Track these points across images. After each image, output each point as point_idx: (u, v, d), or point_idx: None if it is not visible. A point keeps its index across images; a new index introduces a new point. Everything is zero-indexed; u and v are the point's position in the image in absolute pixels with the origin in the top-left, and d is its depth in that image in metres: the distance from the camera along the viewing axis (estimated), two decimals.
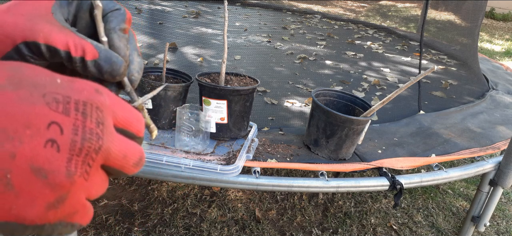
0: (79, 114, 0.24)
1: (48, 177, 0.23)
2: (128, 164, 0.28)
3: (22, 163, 0.22)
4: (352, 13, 5.31)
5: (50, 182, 0.23)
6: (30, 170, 0.22)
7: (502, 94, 2.37)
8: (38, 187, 0.23)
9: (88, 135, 0.24)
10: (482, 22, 2.87)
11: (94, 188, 0.27)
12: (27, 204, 0.23)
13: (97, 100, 0.26)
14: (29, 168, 0.22)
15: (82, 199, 0.26)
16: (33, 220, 0.23)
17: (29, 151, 0.22)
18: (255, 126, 1.42)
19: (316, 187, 1.22)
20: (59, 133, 0.23)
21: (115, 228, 1.68)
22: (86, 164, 0.25)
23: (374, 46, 3.40)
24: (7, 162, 0.22)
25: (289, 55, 2.87)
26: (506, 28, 7.84)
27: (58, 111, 0.24)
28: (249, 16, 4.07)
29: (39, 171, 0.23)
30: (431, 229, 1.93)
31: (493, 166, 1.47)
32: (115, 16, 0.32)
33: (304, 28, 3.84)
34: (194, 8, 3.99)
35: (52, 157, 0.23)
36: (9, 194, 0.22)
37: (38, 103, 0.23)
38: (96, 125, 0.25)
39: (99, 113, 0.25)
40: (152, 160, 1.13)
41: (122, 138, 0.27)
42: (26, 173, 0.22)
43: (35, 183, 0.23)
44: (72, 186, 0.24)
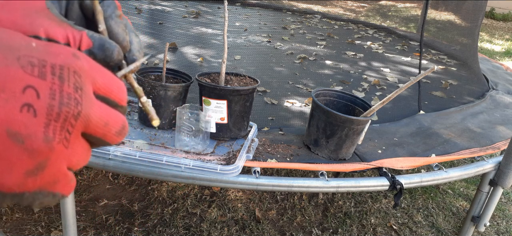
0: (55, 78, 0.23)
1: (25, 142, 0.22)
2: (110, 132, 0.27)
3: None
4: (352, 13, 5.31)
5: (27, 147, 0.22)
6: (6, 135, 0.21)
7: (502, 94, 2.37)
8: (15, 153, 0.22)
9: (66, 99, 0.23)
10: (482, 22, 2.87)
11: (75, 157, 0.25)
12: (4, 171, 0.22)
13: (74, 64, 0.24)
14: (5, 132, 0.21)
15: (63, 168, 0.25)
16: (11, 187, 0.22)
17: (4, 115, 0.21)
18: (255, 126, 1.42)
19: (316, 187, 1.22)
20: (36, 97, 0.22)
21: (115, 228, 1.68)
22: (65, 130, 0.23)
23: (374, 46, 3.40)
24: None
25: (289, 55, 2.87)
26: (506, 28, 7.84)
27: (33, 75, 0.22)
28: (249, 16, 4.07)
29: (16, 136, 0.22)
30: (431, 229, 1.93)
31: (493, 166, 1.47)
32: (108, 5, 0.32)
33: (304, 28, 3.84)
34: (194, 8, 3.99)
35: (29, 121, 0.22)
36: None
37: (13, 66, 0.22)
38: (74, 90, 0.24)
39: (77, 77, 0.24)
40: (152, 160, 1.13)
41: (102, 105, 0.26)
42: (2, 138, 0.21)
43: (12, 148, 0.22)
44: (51, 152, 0.23)
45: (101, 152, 1.15)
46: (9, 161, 0.22)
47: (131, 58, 0.33)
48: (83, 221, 1.70)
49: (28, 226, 1.64)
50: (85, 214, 1.74)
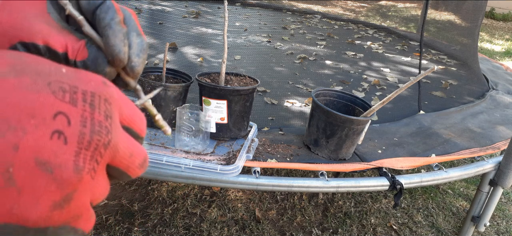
0: (87, 105, 0.22)
1: (54, 172, 0.21)
2: (134, 164, 0.26)
3: (26, 155, 0.20)
4: (352, 13, 5.31)
5: (56, 177, 0.21)
6: (35, 163, 0.20)
7: (502, 94, 2.37)
8: (43, 183, 0.20)
9: (97, 127, 0.22)
10: (482, 22, 2.87)
11: (98, 190, 0.24)
12: (31, 203, 0.20)
13: (105, 92, 0.24)
14: (33, 161, 0.20)
15: (87, 201, 0.23)
16: (36, 221, 0.21)
17: (34, 142, 0.20)
18: (255, 126, 1.42)
19: (316, 187, 1.22)
20: (66, 124, 0.21)
21: (115, 228, 1.68)
22: (94, 160, 0.22)
23: (374, 46, 3.40)
24: (9, 155, 0.19)
25: (289, 55, 2.87)
26: (506, 28, 7.84)
27: (64, 101, 0.22)
28: (249, 16, 4.07)
29: (45, 165, 0.20)
30: (431, 229, 1.93)
31: (493, 166, 1.47)
32: (106, 11, 0.29)
33: (304, 28, 3.84)
34: (194, 8, 3.99)
35: (59, 149, 0.21)
36: (11, 190, 0.20)
37: (43, 91, 0.21)
38: (105, 118, 0.23)
39: (107, 105, 0.24)
40: (152, 160, 1.13)
41: (128, 136, 0.25)
42: (30, 167, 0.20)
43: (40, 178, 0.20)
44: (79, 183, 0.22)
45: None
46: (36, 192, 0.20)
47: (130, 65, 0.31)
48: None
49: None
50: None
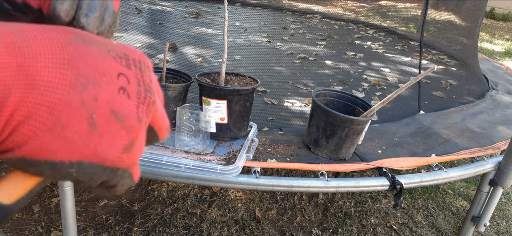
0: (137, 69, 0.27)
1: (124, 120, 0.25)
2: (164, 125, 0.30)
3: (103, 105, 0.24)
4: (352, 13, 5.31)
5: (125, 124, 0.25)
6: (109, 112, 0.24)
7: (502, 94, 2.37)
8: (116, 128, 0.25)
9: (148, 87, 0.27)
10: (482, 22, 2.87)
11: (144, 144, 0.28)
12: (108, 145, 0.24)
13: (146, 60, 0.28)
14: (108, 110, 0.24)
15: (141, 150, 0.28)
16: (112, 161, 0.25)
17: (107, 95, 0.24)
18: (255, 126, 1.42)
19: (316, 187, 1.22)
20: (127, 83, 0.26)
21: (115, 228, 1.68)
22: (147, 113, 0.27)
23: (374, 46, 3.40)
24: (92, 104, 0.24)
25: (289, 55, 2.87)
26: (506, 28, 7.84)
27: (122, 65, 0.26)
28: (249, 16, 4.07)
29: (116, 114, 0.25)
30: (431, 229, 1.93)
31: (493, 166, 1.47)
32: None
33: (304, 28, 3.84)
34: (194, 8, 3.99)
35: (125, 102, 0.25)
36: (94, 134, 0.24)
37: (107, 56, 0.25)
38: (149, 81, 0.27)
39: (149, 72, 0.28)
40: (152, 160, 1.13)
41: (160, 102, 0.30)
42: (106, 114, 0.24)
43: (114, 124, 0.24)
44: (140, 131, 0.26)
45: None
46: (112, 136, 0.25)
47: (79, 26, 0.30)
48: (83, 221, 1.70)
49: (28, 226, 1.64)
50: (85, 214, 1.74)
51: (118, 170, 0.26)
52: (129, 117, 0.25)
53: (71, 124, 0.23)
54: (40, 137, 0.23)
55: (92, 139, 0.24)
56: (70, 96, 0.23)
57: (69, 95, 0.23)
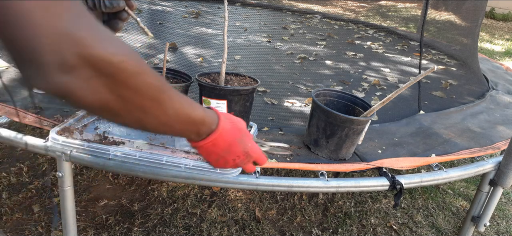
0: (245, 155, 0.77)
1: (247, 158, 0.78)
2: (259, 158, 0.81)
3: (243, 155, 0.76)
4: (352, 13, 5.31)
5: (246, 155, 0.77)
6: (233, 163, 0.77)
7: (502, 94, 2.37)
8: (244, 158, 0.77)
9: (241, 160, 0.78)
10: (482, 22, 2.87)
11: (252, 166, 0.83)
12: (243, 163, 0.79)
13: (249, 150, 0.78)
14: (233, 161, 0.76)
15: (252, 165, 0.82)
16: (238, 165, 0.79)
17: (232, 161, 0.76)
18: (255, 126, 1.42)
19: (316, 187, 1.22)
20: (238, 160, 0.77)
21: (115, 228, 1.68)
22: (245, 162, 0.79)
23: (374, 46, 3.40)
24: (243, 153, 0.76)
25: (289, 55, 2.87)
26: (506, 28, 7.84)
27: (242, 149, 0.76)
28: (249, 16, 4.07)
29: (247, 156, 0.77)
30: (431, 229, 1.93)
31: (493, 166, 1.46)
32: None
33: (304, 28, 3.84)
34: (194, 8, 3.99)
35: (237, 158, 0.76)
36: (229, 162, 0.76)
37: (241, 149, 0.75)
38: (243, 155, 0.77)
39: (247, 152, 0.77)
40: (152, 160, 1.13)
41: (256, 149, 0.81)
42: (243, 156, 0.76)
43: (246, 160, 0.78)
44: (234, 163, 0.77)
45: (101, 152, 1.15)
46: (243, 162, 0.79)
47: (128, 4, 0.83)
48: (83, 221, 1.70)
49: (28, 226, 1.64)
50: (85, 214, 1.74)
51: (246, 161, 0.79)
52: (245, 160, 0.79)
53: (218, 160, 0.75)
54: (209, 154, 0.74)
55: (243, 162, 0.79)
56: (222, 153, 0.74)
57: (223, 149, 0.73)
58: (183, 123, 0.60)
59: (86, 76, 0.42)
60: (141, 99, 0.49)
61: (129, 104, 0.49)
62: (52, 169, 2.01)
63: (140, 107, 0.50)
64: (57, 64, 0.40)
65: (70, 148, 1.15)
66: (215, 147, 0.69)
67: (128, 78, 0.46)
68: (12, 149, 2.13)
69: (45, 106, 1.43)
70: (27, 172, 1.97)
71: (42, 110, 1.40)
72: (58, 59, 0.39)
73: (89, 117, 1.34)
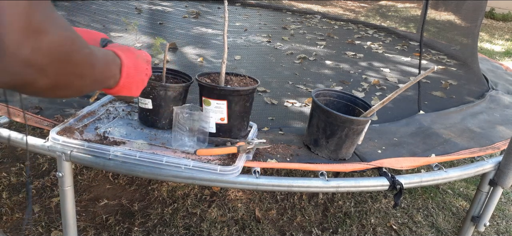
0: (148, 63, 0.86)
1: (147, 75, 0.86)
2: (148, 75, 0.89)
3: (144, 73, 0.83)
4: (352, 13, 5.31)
5: (147, 74, 0.86)
6: (142, 83, 0.83)
7: (502, 94, 2.37)
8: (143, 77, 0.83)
9: (148, 68, 0.86)
10: (482, 22, 2.87)
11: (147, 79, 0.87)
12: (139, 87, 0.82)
13: (148, 57, 0.87)
14: (142, 82, 0.83)
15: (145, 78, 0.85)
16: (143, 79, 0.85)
17: (140, 79, 0.81)
18: (255, 126, 1.42)
19: (316, 187, 1.22)
20: (147, 71, 0.85)
21: (115, 228, 1.68)
22: (147, 75, 0.86)
23: (374, 46, 3.40)
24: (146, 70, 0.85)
25: (289, 55, 2.87)
26: (506, 28, 7.84)
27: (145, 63, 0.84)
28: (249, 16, 4.07)
29: (146, 74, 0.85)
30: (431, 229, 1.93)
31: (493, 166, 1.47)
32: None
33: (304, 28, 3.84)
34: (194, 8, 3.99)
35: (147, 72, 0.85)
36: (145, 79, 0.84)
37: (140, 60, 0.81)
38: (147, 63, 0.85)
39: (148, 63, 0.86)
40: (152, 160, 1.14)
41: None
42: (144, 74, 0.84)
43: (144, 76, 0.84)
44: (147, 77, 0.86)
45: (101, 152, 1.15)
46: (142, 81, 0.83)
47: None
48: (83, 221, 1.70)
49: (28, 226, 1.64)
50: (85, 214, 1.74)
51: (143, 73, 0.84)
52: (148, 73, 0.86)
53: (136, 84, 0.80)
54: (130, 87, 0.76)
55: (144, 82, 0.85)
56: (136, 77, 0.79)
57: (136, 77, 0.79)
58: (106, 74, 0.67)
59: (43, 63, 0.46)
60: (81, 69, 0.54)
61: (73, 77, 0.54)
62: (52, 169, 2.01)
63: (80, 75, 0.55)
64: (19, 56, 0.43)
65: (70, 148, 1.16)
66: (129, 77, 0.74)
67: (76, 56, 0.52)
68: (12, 149, 2.13)
69: (45, 106, 1.43)
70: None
71: (42, 110, 1.40)
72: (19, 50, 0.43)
73: (90, 117, 1.34)
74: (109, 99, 1.49)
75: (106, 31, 2.81)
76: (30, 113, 1.34)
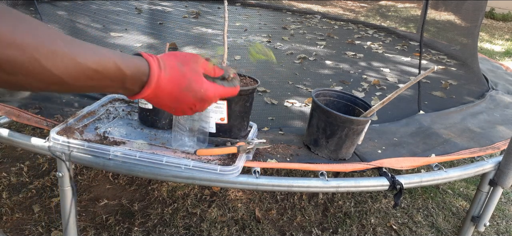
0: (200, 102, 0.69)
1: (204, 103, 0.70)
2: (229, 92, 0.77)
3: (179, 112, 0.70)
4: (352, 13, 5.31)
5: (197, 96, 0.68)
6: (200, 102, 0.70)
7: (502, 94, 2.37)
8: (204, 105, 0.71)
9: (199, 94, 0.69)
10: (482, 22, 2.87)
11: (214, 94, 0.73)
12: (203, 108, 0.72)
13: (197, 66, 0.70)
14: (200, 102, 0.70)
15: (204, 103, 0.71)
16: (196, 106, 0.70)
17: (182, 110, 0.68)
18: (255, 126, 1.42)
19: (316, 187, 1.22)
20: (194, 108, 0.70)
21: (115, 228, 1.68)
22: (200, 101, 0.70)
23: (374, 46, 3.40)
24: (197, 102, 0.70)
25: (289, 55, 2.87)
26: (506, 28, 7.84)
27: (195, 101, 0.68)
28: (249, 16, 4.07)
29: (203, 101, 0.70)
30: (431, 229, 1.93)
31: (493, 166, 1.47)
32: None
33: (304, 28, 3.84)
34: (194, 8, 3.99)
35: (202, 105, 0.72)
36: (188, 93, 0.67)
37: (190, 96, 0.66)
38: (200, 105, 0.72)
39: (197, 73, 0.69)
40: (152, 160, 1.14)
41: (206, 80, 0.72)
42: (198, 103, 0.70)
43: (204, 104, 0.71)
44: (207, 105, 0.72)
45: (101, 152, 1.15)
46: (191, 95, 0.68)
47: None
48: (83, 221, 1.70)
49: (28, 226, 1.64)
50: (85, 214, 1.74)
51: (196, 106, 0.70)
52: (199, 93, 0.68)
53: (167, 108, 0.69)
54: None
55: (189, 99, 0.68)
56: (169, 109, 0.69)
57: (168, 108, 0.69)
58: (89, 77, 0.53)
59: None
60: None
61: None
62: (52, 169, 2.01)
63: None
64: None
65: (70, 148, 1.16)
66: (158, 98, 0.62)
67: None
68: (12, 149, 2.13)
69: (45, 106, 1.43)
70: (27, 172, 1.97)
71: (42, 110, 1.40)
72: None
73: (90, 117, 1.34)
74: (109, 99, 1.49)
75: (106, 31, 2.81)
76: (30, 113, 1.34)
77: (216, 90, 0.71)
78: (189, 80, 0.65)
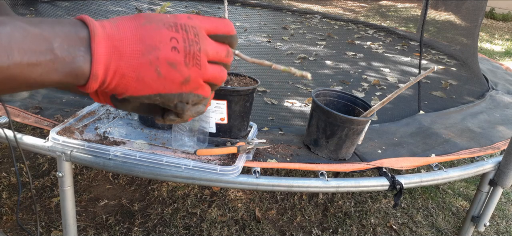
0: (183, 31, 0.41)
1: (177, 67, 0.40)
2: (220, 56, 0.44)
3: (162, 60, 0.39)
4: (352, 13, 5.31)
5: (178, 70, 0.40)
6: (167, 64, 0.40)
7: (502, 94, 2.37)
8: (172, 73, 0.40)
9: (191, 42, 0.41)
10: (482, 22, 2.87)
11: (207, 74, 0.43)
12: (170, 83, 0.40)
13: (190, 22, 0.42)
14: (166, 63, 0.39)
15: (200, 81, 0.42)
16: (176, 89, 0.41)
17: (164, 54, 0.39)
18: (255, 126, 1.42)
19: (316, 187, 1.22)
20: (177, 42, 0.40)
21: (115, 228, 1.68)
22: (195, 59, 0.41)
23: (374, 46, 3.40)
24: (155, 62, 0.39)
25: (289, 55, 2.87)
26: (506, 28, 7.84)
27: (172, 31, 0.40)
28: (249, 16, 4.07)
29: (171, 64, 0.40)
30: (431, 229, 1.93)
31: (493, 166, 1.47)
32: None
33: (304, 28, 3.84)
34: (194, 8, 3.99)
35: (176, 56, 0.40)
36: (161, 78, 0.40)
37: (163, 28, 0.40)
38: (194, 36, 0.41)
39: (193, 29, 0.41)
40: (152, 160, 1.13)
41: (212, 42, 0.43)
42: (165, 65, 0.39)
43: (171, 71, 0.40)
44: (190, 71, 0.41)
45: (101, 152, 1.15)
46: (171, 77, 0.40)
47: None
48: (83, 221, 1.70)
49: (28, 226, 1.64)
50: (85, 214, 1.74)
51: (182, 94, 0.42)
52: (179, 64, 0.40)
53: (147, 75, 0.39)
54: (132, 85, 0.39)
55: (160, 82, 0.40)
56: (143, 59, 0.39)
57: (142, 59, 0.39)
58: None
59: None
60: None
61: None
62: (52, 169, 2.01)
63: None
64: None
65: (70, 148, 1.16)
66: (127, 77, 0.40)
67: None
68: (12, 149, 2.13)
69: (45, 106, 1.43)
70: (27, 172, 1.97)
71: (42, 110, 1.40)
72: None
73: (90, 117, 1.34)
74: None
75: None
76: (30, 113, 1.34)
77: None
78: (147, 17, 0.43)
